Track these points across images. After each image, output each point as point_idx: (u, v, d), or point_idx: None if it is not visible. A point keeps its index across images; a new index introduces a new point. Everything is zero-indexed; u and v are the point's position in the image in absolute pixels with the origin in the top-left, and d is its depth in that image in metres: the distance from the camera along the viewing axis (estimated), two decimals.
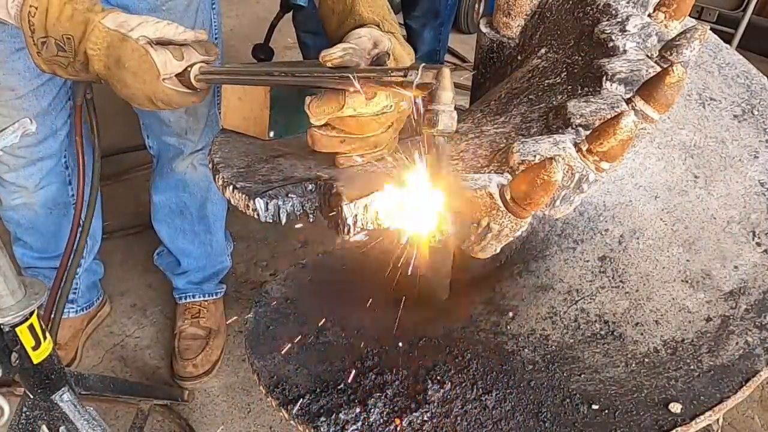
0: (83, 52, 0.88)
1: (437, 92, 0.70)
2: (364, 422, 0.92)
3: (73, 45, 0.88)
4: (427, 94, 0.71)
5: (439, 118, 0.70)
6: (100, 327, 2.05)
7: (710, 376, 0.90)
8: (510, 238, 0.74)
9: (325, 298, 1.25)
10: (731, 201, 1.10)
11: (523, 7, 1.24)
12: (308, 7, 2.40)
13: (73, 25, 0.87)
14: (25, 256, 1.77)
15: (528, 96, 1.01)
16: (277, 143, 1.09)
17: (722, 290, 1.01)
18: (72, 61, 0.90)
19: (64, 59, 0.90)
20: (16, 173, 1.54)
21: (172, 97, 0.91)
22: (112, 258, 2.25)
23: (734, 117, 1.17)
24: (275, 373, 1.05)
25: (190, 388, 1.84)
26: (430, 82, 0.70)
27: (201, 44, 0.92)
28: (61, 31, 0.87)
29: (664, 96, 0.80)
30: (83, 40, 0.87)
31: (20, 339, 1.01)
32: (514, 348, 1.03)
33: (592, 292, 1.07)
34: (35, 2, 0.86)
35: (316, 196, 0.87)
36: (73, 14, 0.87)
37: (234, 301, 2.15)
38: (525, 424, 0.90)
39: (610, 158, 0.77)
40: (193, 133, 1.63)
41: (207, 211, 1.84)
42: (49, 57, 0.90)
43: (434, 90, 0.70)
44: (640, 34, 0.97)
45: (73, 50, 0.88)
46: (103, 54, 0.88)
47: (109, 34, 0.87)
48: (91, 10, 0.88)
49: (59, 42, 0.88)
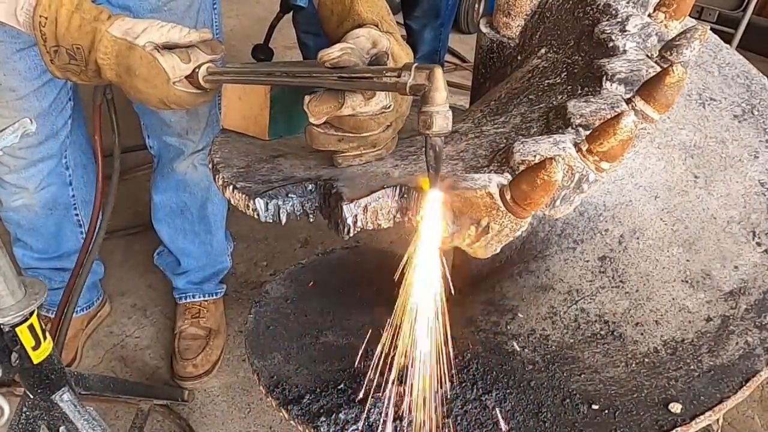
0: (94, 61, 0.90)
1: (430, 93, 0.70)
2: (364, 422, 0.92)
3: (83, 54, 0.90)
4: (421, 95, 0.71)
5: (433, 120, 0.70)
6: (100, 327, 2.05)
7: (710, 376, 0.90)
8: (510, 238, 0.74)
9: (325, 298, 1.25)
10: (731, 201, 1.10)
11: (523, 7, 1.24)
12: (308, 7, 2.41)
13: (82, 35, 0.88)
14: (25, 257, 1.77)
15: (528, 96, 1.01)
16: (277, 143, 1.10)
17: (722, 290, 1.01)
18: (84, 69, 0.92)
19: (76, 67, 0.91)
20: (16, 174, 1.54)
21: (184, 98, 0.92)
22: (112, 258, 2.25)
23: (734, 117, 1.17)
24: (275, 373, 1.05)
25: (190, 388, 1.84)
26: (422, 83, 0.71)
27: (206, 44, 0.93)
28: (70, 41, 0.89)
29: (664, 96, 0.80)
30: (93, 50, 0.89)
31: (20, 339, 1.01)
32: (514, 348, 1.03)
33: (592, 292, 1.07)
34: (45, 12, 0.87)
35: (316, 196, 0.87)
36: (81, 24, 0.88)
37: (234, 301, 2.15)
38: (525, 424, 0.90)
39: (610, 158, 0.77)
40: (194, 133, 1.63)
41: (207, 212, 1.84)
42: (61, 65, 0.91)
43: (427, 91, 0.70)
44: (640, 34, 0.97)
45: (84, 59, 0.90)
46: (113, 63, 0.89)
47: (117, 43, 0.88)
48: (98, 19, 0.89)
49: (70, 51, 0.90)
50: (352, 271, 1.38)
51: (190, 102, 0.94)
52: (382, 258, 1.49)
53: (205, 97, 0.95)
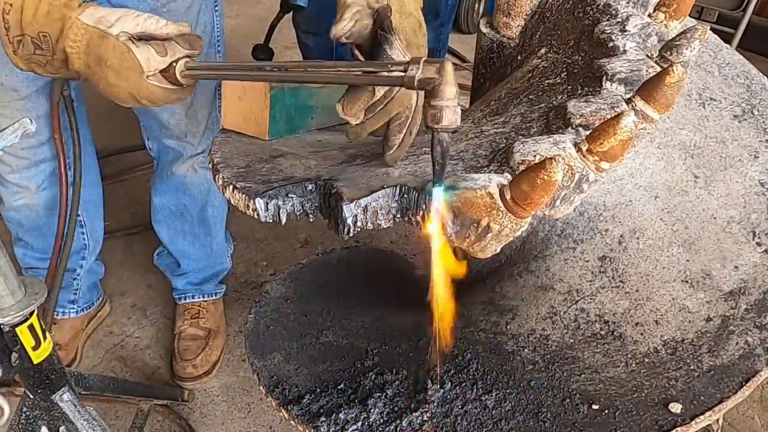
0: (62, 50, 0.85)
1: (440, 87, 0.68)
2: (364, 422, 0.92)
3: (50, 43, 0.85)
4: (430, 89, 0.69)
5: (442, 114, 0.68)
6: (100, 327, 2.04)
7: (710, 376, 0.90)
8: (510, 238, 0.74)
9: (325, 298, 1.25)
10: (731, 201, 1.10)
11: (523, 7, 1.24)
12: (308, 7, 2.41)
13: (49, 22, 0.83)
14: (26, 257, 1.77)
15: (528, 96, 1.01)
16: (277, 143, 1.10)
17: (722, 290, 1.01)
18: (51, 59, 0.86)
19: (42, 57, 0.86)
20: (18, 174, 1.54)
21: (157, 93, 0.87)
22: (112, 258, 2.25)
23: (734, 117, 1.17)
24: (275, 373, 1.05)
25: (190, 388, 1.83)
26: (432, 77, 0.69)
27: (185, 38, 0.88)
28: (37, 28, 0.84)
29: (664, 96, 0.80)
30: (61, 38, 0.84)
31: (20, 339, 1.01)
32: (514, 348, 1.03)
33: (592, 292, 1.07)
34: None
35: (316, 196, 0.87)
36: (49, 10, 0.83)
37: (234, 301, 2.15)
38: (525, 424, 0.90)
39: (610, 158, 0.77)
40: (193, 135, 1.62)
41: (207, 214, 1.84)
42: (26, 55, 0.86)
43: (437, 85, 0.68)
44: (640, 34, 0.97)
45: (51, 48, 0.85)
46: (83, 52, 0.84)
47: (88, 31, 0.83)
48: (68, 5, 0.84)
49: (36, 40, 0.84)
50: (352, 271, 1.38)
51: (163, 98, 0.89)
52: (382, 258, 1.49)
53: (180, 93, 0.90)
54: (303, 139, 1.14)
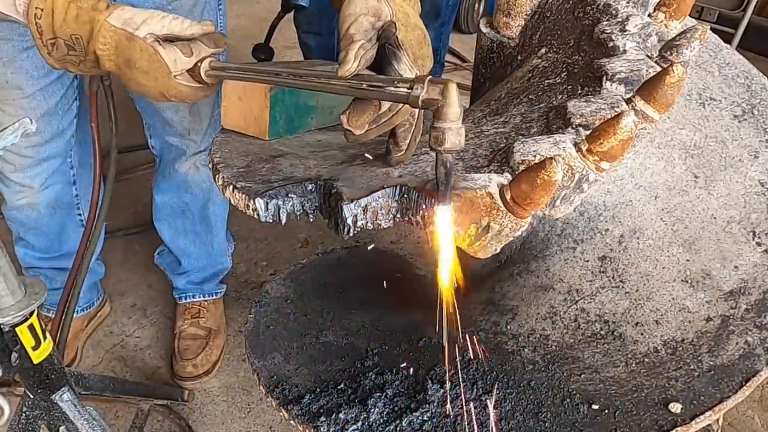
0: (93, 51, 0.88)
1: (443, 109, 0.68)
2: (364, 422, 0.92)
3: (82, 45, 0.88)
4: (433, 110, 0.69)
5: (446, 136, 0.68)
6: (100, 327, 2.04)
7: (710, 376, 0.90)
8: (510, 238, 0.74)
9: (325, 298, 1.25)
10: (731, 201, 1.10)
11: (523, 7, 1.25)
12: (309, 7, 2.41)
13: (80, 25, 0.86)
14: (27, 256, 1.77)
15: (528, 96, 1.01)
16: (277, 143, 1.10)
17: (722, 290, 1.01)
18: (83, 60, 0.90)
19: (75, 58, 0.90)
20: (21, 173, 1.54)
21: (185, 92, 0.91)
22: (112, 258, 2.25)
23: (734, 117, 1.17)
24: (275, 373, 1.05)
25: (190, 388, 1.83)
26: (436, 98, 0.68)
27: (209, 37, 0.91)
28: (68, 31, 0.87)
29: (664, 96, 0.80)
30: (91, 40, 0.87)
31: (20, 339, 1.01)
32: (514, 348, 1.03)
33: (592, 292, 1.07)
34: (40, 3, 0.86)
35: (316, 196, 0.87)
36: (78, 14, 0.86)
37: (234, 301, 2.15)
38: (525, 424, 0.90)
39: (610, 158, 0.77)
40: (196, 133, 1.63)
41: (209, 212, 1.84)
42: (60, 57, 0.90)
43: (441, 107, 0.68)
44: (640, 34, 0.97)
45: (83, 50, 0.88)
46: (113, 54, 0.87)
47: (116, 34, 0.86)
48: (96, 8, 0.87)
49: (69, 42, 0.87)
50: (352, 271, 1.38)
51: (190, 96, 0.92)
52: (382, 258, 1.49)
53: (206, 91, 0.93)
54: (303, 139, 1.14)
